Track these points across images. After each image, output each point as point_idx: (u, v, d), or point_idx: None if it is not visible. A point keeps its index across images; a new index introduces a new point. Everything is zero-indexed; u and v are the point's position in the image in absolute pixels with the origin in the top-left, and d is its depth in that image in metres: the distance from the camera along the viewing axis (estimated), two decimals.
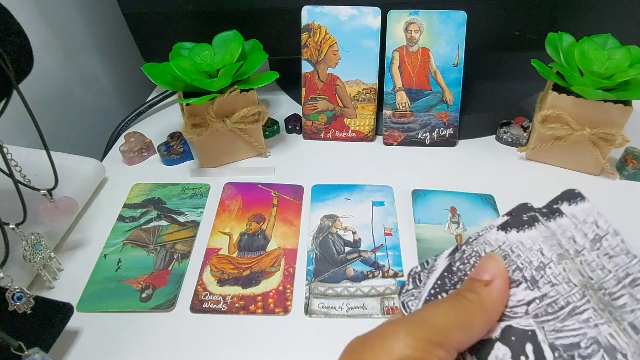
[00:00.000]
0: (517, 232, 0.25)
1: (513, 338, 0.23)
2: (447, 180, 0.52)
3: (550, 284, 0.23)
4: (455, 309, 0.23)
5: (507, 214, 0.26)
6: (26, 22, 0.36)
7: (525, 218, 0.25)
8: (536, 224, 0.25)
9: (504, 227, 0.26)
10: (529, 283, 0.24)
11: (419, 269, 0.28)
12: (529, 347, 0.22)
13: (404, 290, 0.28)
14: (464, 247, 0.27)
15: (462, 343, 0.23)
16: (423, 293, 0.27)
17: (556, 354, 0.22)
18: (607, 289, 0.22)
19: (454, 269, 0.27)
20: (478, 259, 0.26)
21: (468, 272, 0.26)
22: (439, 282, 0.27)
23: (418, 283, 0.28)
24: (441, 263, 0.28)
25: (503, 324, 0.24)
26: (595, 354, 0.21)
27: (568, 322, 0.22)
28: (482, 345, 0.24)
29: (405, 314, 0.27)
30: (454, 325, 0.23)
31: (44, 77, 0.62)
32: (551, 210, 0.25)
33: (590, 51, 0.46)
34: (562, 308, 0.22)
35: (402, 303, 0.28)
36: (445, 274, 0.27)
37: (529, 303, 0.23)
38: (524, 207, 0.26)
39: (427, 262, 0.28)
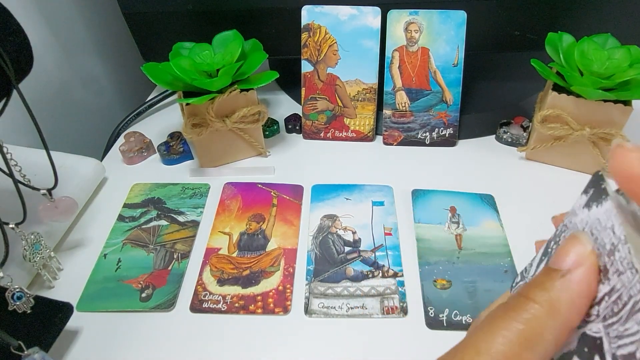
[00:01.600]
0: (597, 206, 0.19)
1: (586, 349, 0.18)
2: (447, 180, 0.52)
3: (618, 272, 0.17)
4: (517, 322, 0.18)
5: (587, 188, 0.21)
6: (26, 21, 0.36)
7: (602, 186, 0.19)
8: (609, 195, 0.19)
9: (588, 203, 0.20)
10: (601, 274, 0.18)
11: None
12: None
13: (514, 284, 0.24)
14: (565, 220, 0.22)
15: None
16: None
17: None
18: None
19: (550, 249, 0.22)
20: (566, 229, 0.21)
21: None
22: (537, 269, 0.22)
23: (525, 274, 0.24)
24: (540, 249, 0.23)
25: (580, 332, 0.18)
26: None
27: (628, 325, 0.17)
28: (563, 357, 0.19)
29: None
30: (519, 349, 0.17)
31: (43, 77, 0.62)
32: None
33: (590, 51, 0.46)
34: (624, 305, 0.17)
35: None
36: (543, 257, 0.22)
37: (599, 301, 0.18)
38: (597, 176, 0.20)
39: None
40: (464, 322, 0.39)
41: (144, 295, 0.42)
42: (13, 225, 0.39)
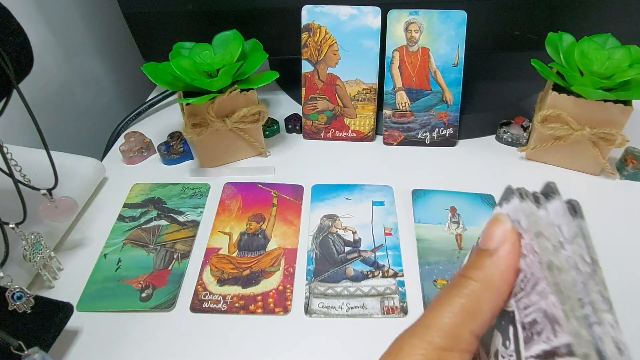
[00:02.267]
0: (506, 203, 0.23)
1: (502, 322, 0.21)
2: (447, 180, 0.52)
3: (523, 256, 0.21)
4: (459, 297, 0.21)
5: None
6: (26, 21, 0.36)
7: (511, 189, 0.23)
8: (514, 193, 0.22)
9: (500, 203, 0.23)
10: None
11: None
12: (511, 331, 0.20)
13: None
14: None
15: (477, 333, 0.21)
16: None
17: (525, 335, 0.20)
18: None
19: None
20: None
21: None
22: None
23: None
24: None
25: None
26: (545, 327, 0.19)
27: (532, 297, 0.20)
28: (486, 333, 0.21)
29: None
30: (462, 320, 0.20)
31: (44, 77, 0.62)
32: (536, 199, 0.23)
33: (590, 51, 0.46)
34: (528, 281, 0.20)
35: None
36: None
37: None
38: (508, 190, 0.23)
39: None
40: None
41: (144, 295, 0.42)
42: (13, 225, 0.39)
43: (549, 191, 0.22)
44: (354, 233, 0.47)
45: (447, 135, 0.57)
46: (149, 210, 0.50)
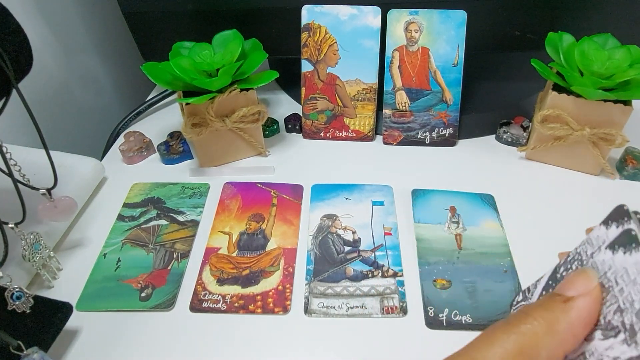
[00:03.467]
0: (624, 253, 0.19)
1: None
2: (446, 179, 0.52)
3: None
4: (514, 335, 0.19)
5: (608, 220, 0.20)
6: (25, 20, 0.36)
7: (632, 233, 0.19)
8: None
9: (612, 245, 0.20)
10: (627, 335, 0.18)
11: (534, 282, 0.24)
12: None
13: (514, 302, 0.24)
14: (571, 251, 0.22)
15: None
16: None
17: None
18: None
19: (558, 275, 0.22)
20: (580, 264, 0.21)
21: None
22: (543, 292, 0.23)
23: (527, 294, 0.24)
24: (547, 272, 0.23)
25: None
26: None
27: None
28: None
29: None
30: (513, 358, 0.18)
31: (43, 76, 0.62)
32: None
33: (590, 51, 0.46)
34: None
35: None
36: (550, 282, 0.22)
37: None
38: (621, 211, 0.19)
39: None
40: (463, 322, 0.39)
41: (143, 294, 0.42)
42: (12, 225, 0.39)
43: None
44: (353, 233, 0.47)
45: (447, 135, 0.57)
46: (148, 210, 0.50)
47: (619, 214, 0.19)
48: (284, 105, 0.65)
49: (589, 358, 0.19)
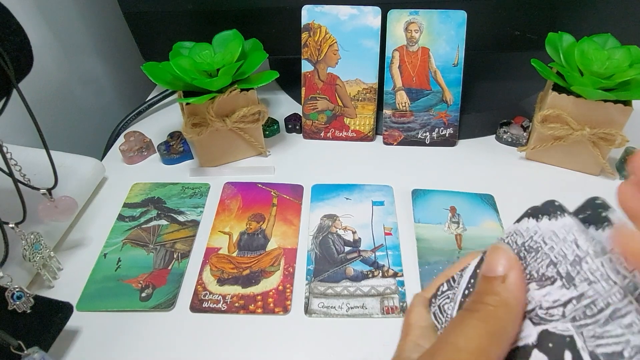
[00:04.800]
0: (549, 219, 0.22)
1: (550, 345, 0.21)
2: (447, 180, 0.52)
3: (588, 281, 0.20)
4: (481, 321, 0.21)
5: (539, 213, 0.23)
6: (26, 21, 0.36)
7: (556, 204, 0.22)
8: (566, 213, 0.22)
9: (534, 214, 0.23)
10: (564, 280, 0.21)
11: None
12: (567, 356, 0.20)
13: (438, 293, 0.26)
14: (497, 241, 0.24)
15: (501, 355, 0.21)
16: (457, 294, 0.25)
17: None
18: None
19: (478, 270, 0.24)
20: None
21: None
22: (472, 280, 0.25)
23: (452, 283, 0.26)
24: (474, 261, 0.25)
25: (539, 328, 0.21)
26: None
27: (609, 327, 0.19)
28: (519, 353, 0.21)
29: (442, 318, 0.25)
30: (488, 341, 0.21)
31: (43, 76, 0.62)
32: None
33: (590, 51, 0.46)
34: (601, 310, 0.19)
35: (439, 307, 0.25)
36: (477, 270, 0.24)
37: (565, 304, 0.20)
38: (553, 206, 0.22)
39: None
40: None
41: (143, 294, 0.42)
42: (13, 225, 0.39)
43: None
44: (353, 233, 0.47)
45: (447, 135, 0.57)
46: (148, 209, 0.50)
47: (550, 208, 0.22)
48: (284, 105, 0.65)
49: (528, 306, 0.22)
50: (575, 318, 0.20)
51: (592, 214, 0.22)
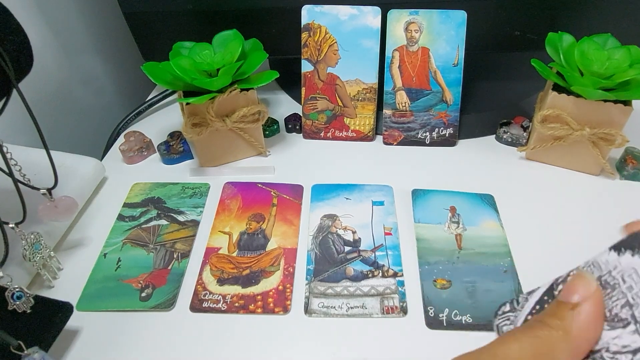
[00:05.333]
0: (632, 255, 0.20)
1: None
2: (447, 180, 0.52)
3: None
4: (532, 338, 0.20)
5: (621, 247, 0.21)
6: (26, 21, 0.36)
7: None
8: None
9: (617, 247, 0.21)
10: (638, 326, 0.19)
11: (524, 293, 0.25)
12: None
13: (499, 312, 0.25)
14: (580, 266, 0.23)
15: None
16: (520, 317, 0.23)
17: None
18: None
19: (555, 292, 0.23)
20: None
21: None
22: (537, 306, 0.23)
23: (516, 306, 0.25)
24: (543, 285, 0.24)
25: None
26: None
27: None
28: None
29: None
30: (532, 359, 0.20)
31: (43, 76, 0.62)
32: None
33: (590, 51, 0.46)
34: None
35: (497, 327, 0.24)
36: (546, 297, 0.23)
37: (635, 352, 0.19)
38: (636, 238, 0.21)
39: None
40: (463, 322, 0.39)
41: (143, 294, 0.42)
42: (13, 225, 0.39)
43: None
44: (353, 233, 0.47)
45: (447, 135, 0.57)
46: (148, 209, 0.50)
47: (635, 243, 0.21)
48: (284, 105, 0.65)
49: (595, 346, 0.20)
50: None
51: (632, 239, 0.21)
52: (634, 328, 0.19)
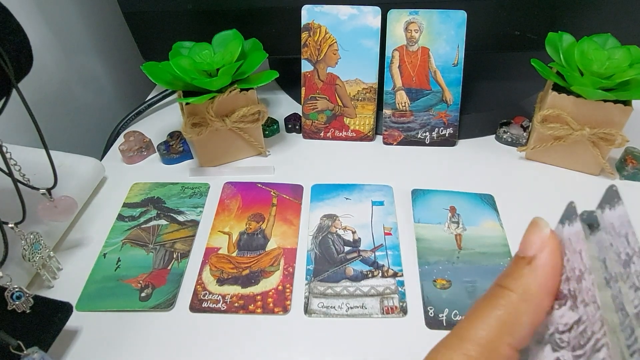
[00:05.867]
0: (569, 224, 0.20)
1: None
2: (446, 179, 0.52)
3: (584, 303, 0.18)
4: (495, 308, 0.19)
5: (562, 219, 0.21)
6: (26, 21, 0.36)
7: (573, 205, 0.20)
8: (577, 218, 0.19)
9: (562, 220, 0.20)
10: (571, 301, 0.18)
11: None
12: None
13: None
14: None
15: (516, 347, 0.19)
16: None
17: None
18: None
19: None
20: None
21: None
22: None
23: None
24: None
25: (555, 355, 0.19)
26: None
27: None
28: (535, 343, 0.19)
29: None
30: (499, 332, 0.19)
31: (43, 76, 0.62)
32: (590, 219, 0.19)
33: (590, 51, 0.46)
34: (588, 340, 0.17)
35: None
36: None
37: (570, 329, 0.18)
38: (570, 209, 0.20)
39: None
40: None
41: (143, 294, 0.42)
42: (12, 225, 0.39)
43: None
44: (353, 233, 0.47)
45: (446, 135, 0.57)
46: (148, 209, 0.50)
47: (567, 213, 0.20)
48: (284, 105, 0.65)
49: (550, 327, 0.20)
50: (574, 347, 0.18)
51: (569, 208, 0.20)
52: (571, 303, 0.18)
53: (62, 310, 0.38)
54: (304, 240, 0.47)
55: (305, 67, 0.56)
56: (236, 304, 0.41)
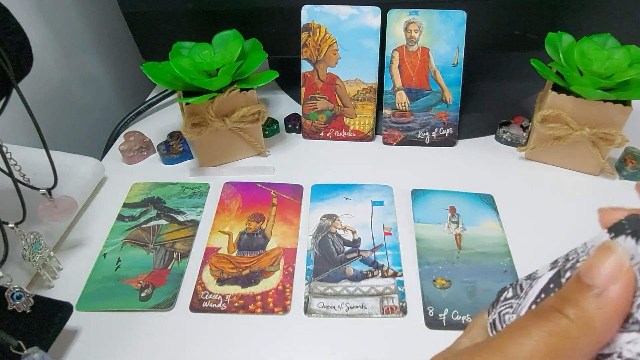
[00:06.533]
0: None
1: None
2: (446, 179, 0.52)
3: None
4: (547, 334, 0.17)
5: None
6: (26, 21, 0.36)
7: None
8: None
9: (636, 232, 0.17)
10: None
11: (522, 278, 0.22)
12: None
13: (501, 299, 0.22)
14: (578, 248, 0.20)
15: None
16: (522, 306, 0.20)
17: None
18: None
19: (563, 280, 0.19)
20: None
21: None
22: (542, 295, 0.20)
23: (519, 292, 0.21)
24: (543, 267, 0.21)
25: None
26: None
27: None
28: None
29: (500, 329, 0.21)
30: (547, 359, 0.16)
31: (43, 76, 0.62)
32: None
33: (590, 51, 0.46)
34: None
35: (499, 314, 0.21)
36: (552, 285, 0.20)
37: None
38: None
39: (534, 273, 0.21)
40: (463, 322, 0.39)
41: (143, 294, 0.42)
42: (12, 225, 0.39)
43: None
44: (353, 233, 0.47)
45: (446, 135, 0.57)
46: (148, 209, 0.50)
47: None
48: (284, 105, 0.65)
49: (604, 349, 0.17)
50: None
51: None
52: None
53: (63, 310, 0.38)
54: (303, 240, 0.47)
55: (305, 67, 0.56)
56: (236, 304, 0.41)
